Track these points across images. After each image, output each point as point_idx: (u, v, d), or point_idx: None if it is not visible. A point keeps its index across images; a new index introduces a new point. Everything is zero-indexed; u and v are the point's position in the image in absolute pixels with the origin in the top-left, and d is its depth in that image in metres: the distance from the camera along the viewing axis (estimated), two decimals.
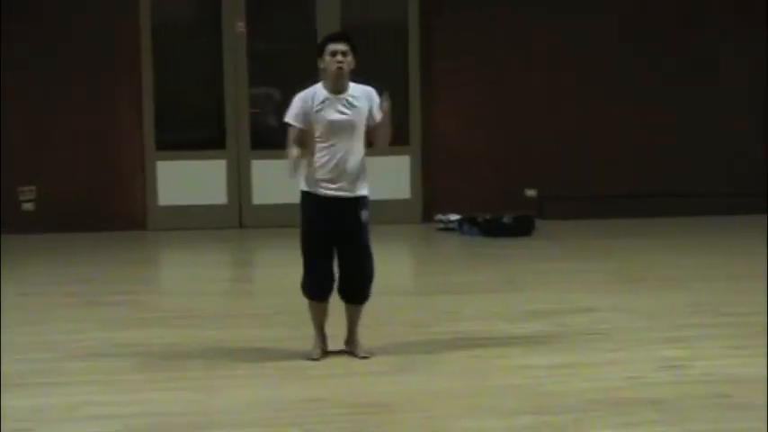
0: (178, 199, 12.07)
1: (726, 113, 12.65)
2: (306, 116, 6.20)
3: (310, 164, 6.20)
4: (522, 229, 11.42)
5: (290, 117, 6.27)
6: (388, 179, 11.77)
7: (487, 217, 11.45)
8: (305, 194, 6.28)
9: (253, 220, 12.10)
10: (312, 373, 6.09)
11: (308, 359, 6.30)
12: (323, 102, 6.17)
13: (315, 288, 6.31)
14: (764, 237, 10.94)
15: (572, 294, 8.28)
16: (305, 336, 6.87)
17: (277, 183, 11.96)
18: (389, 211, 11.79)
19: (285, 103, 11.88)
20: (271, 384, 5.91)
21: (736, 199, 12.49)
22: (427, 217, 12.22)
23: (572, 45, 12.34)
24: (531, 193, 12.43)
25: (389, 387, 5.83)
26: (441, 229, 11.76)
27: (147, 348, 6.70)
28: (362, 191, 6.25)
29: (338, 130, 6.14)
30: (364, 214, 6.25)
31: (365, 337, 6.52)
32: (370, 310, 7.00)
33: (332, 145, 6.15)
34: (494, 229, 11.32)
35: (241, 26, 11.97)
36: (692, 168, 12.60)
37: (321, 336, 6.42)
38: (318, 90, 6.23)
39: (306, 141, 6.21)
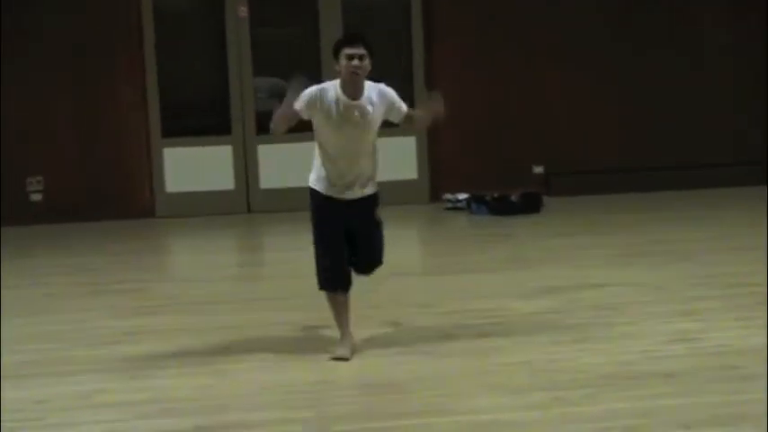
0: (185, 185, 12.07)
1: (726, 86, 12.58)
2: (310, 109, 5.92)
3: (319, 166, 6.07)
4: (530, 206, 11.40)
5: (298, 102, 5.90)
6: (395, 160, 11.73)
7: (495, 195, 11.42)
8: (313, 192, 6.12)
9: (261, 204, 12.09)
10: (323, 356, 6.08)
11: (340, 359, 5.99)
12: (336, 104, 5.89)
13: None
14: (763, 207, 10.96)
15: (582, 270, 8.26)
16: (317, 318, 6.88)
17: (284, 167, 12.08)
18: (397, 192, 11.76)
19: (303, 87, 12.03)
20: (282, 368, 5.90)
21: (741, 170, 12.44)
22: (435, 197, 12.20)
23: (574, 22, 12.28)
24: (538, 169, 12.40)
25: (400, 367, 5.83)
26: (449, 209, 11.74)
27: (157, 335, 6.70)
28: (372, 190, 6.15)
29: (346, 135, 5.93)
30: (377, 214, 6.18)
31: (374, 318, 6.53)
32: (379, 291, 7.01)
33: (337, 150, 5.97)
34: (502, 208, 11.29)
35: (243, 11, 11.93)
36: (697, 140, 12.56)
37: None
38: (334, 90, 5.93)
39: (289, 124, 5.99)
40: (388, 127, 6.40)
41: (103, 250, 10.17)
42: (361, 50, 5.88)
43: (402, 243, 10.47)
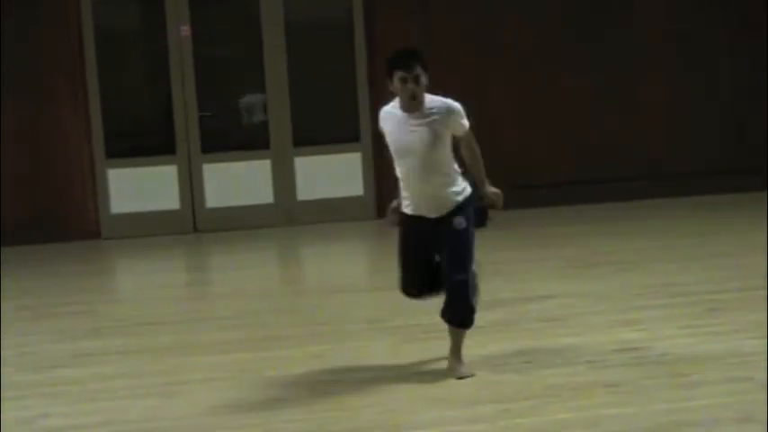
0: (131, 206, 12.00)
1: (679, 97, 12.73)
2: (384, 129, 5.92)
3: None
4: (476, 220, 11.41)
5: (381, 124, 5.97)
6: (341, 177, 11.78)
7: None
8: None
9: (207, 223, 12.05)
10: (270, 375, 6.08)
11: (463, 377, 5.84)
12: (397, 121, 5.83)
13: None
14: (717, 216, 11.12)
15: (528, 283, 8.32)
16: (264, 337, 6.89)
17: (229, 186, 12.06)
18: (343, 209, 11.81)
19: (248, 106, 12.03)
20: (230, 387, 5.89)
21: (688, 181, 12.59)
22: (381, 213, 12.18)
23: (523, 35, 12.36)
24: None
25: (348, 384, 5.83)
26: (397, 224, 11.72)
27: (104, 357, 6.66)
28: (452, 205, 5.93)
29: (408, 151, 5.79)
30: (459, 222, 5.96)
31: (321, 335, 6.52)
32: (326, 307, 7.00)
33: (405, 168, 5.86)
34: None
35: (185, 30, 11.90)
36: (645, 152, 12.67)
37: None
38: (395, 108, 5.89)
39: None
40: (331, 143, 6.38)
41: (49, 273, 10.08)
42: (416, 71, 5.76)
43: (349, 259, 10.50)
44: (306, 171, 11.83)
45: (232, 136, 12.30)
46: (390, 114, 5.89)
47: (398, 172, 5.94)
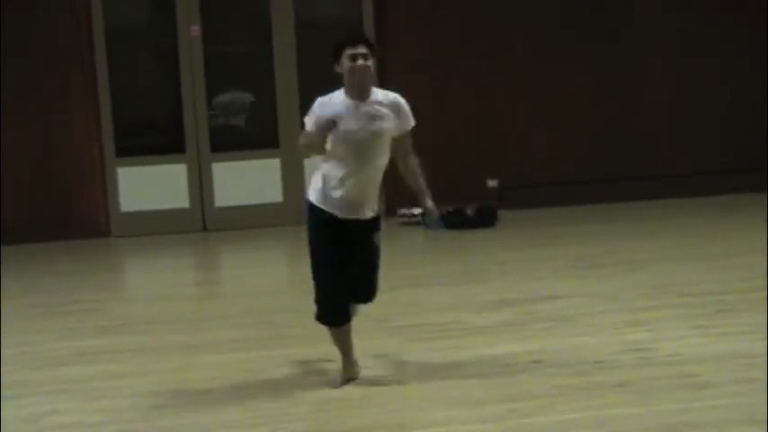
0: (140, 205, 12.01)
1: (680, 97, 12.72)
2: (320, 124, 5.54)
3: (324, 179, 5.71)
4: (485, 220, 11.44)
5: (307, 124, 5.62)
6: None
7: (450, 209, 11.45)
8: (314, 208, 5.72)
9: (216, 222, 12.06)
10: (278, 373, 6.08)
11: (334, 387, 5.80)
12: (343, 108, 5.56)
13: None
14: (723, 216, 11.10)
15: (536, 283, 8.31)
16: (272, 336, 6.89)
17: (238, 185, 12.07)
18: None
19: (257, 105, 12.05)
20: (238, 386, 5.89)
21: (688, 181, 12.57)
22: (391, 212, 12.20)
23: (528, 33, 12.36)
24: (492, 183, 12.44)
25: (356, 382, 5.83)
26: (404, 224, 11.76)
27: (113, 356, 6.67)
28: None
29: (355, 141, 5.56)
30: (378, 237, 5.76)
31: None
32: None
33: (346, 158, 5.59)
34: (457, 222, 11.33)
35: (195, 29, 11.91)
36: (652, 152, 12.66)
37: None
38: (337, 96, 5.64)
39: (315, 144, 5.59)
40: None
41: (58, 271, 10.09)
42: (364, 50, 5.57)
43: None
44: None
45: (241, 135, 12.31)
46: (333, 101, 5.60)
47: (334, 165, 5.64)
